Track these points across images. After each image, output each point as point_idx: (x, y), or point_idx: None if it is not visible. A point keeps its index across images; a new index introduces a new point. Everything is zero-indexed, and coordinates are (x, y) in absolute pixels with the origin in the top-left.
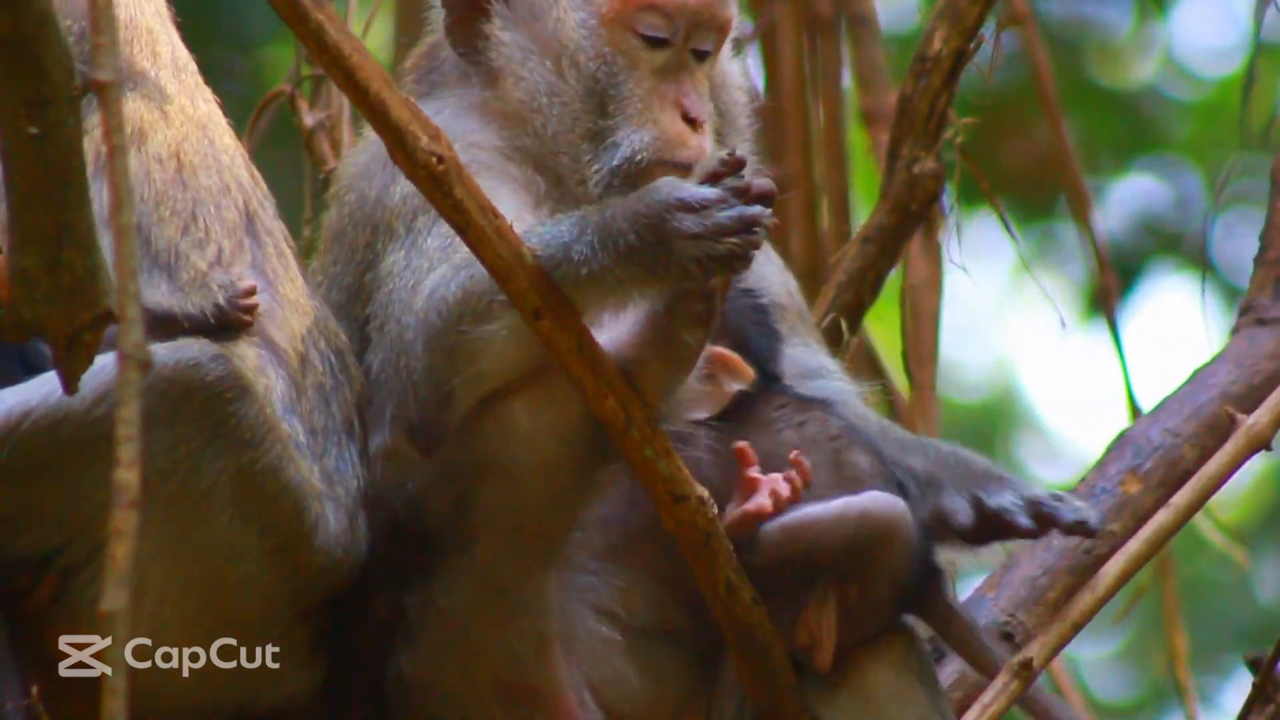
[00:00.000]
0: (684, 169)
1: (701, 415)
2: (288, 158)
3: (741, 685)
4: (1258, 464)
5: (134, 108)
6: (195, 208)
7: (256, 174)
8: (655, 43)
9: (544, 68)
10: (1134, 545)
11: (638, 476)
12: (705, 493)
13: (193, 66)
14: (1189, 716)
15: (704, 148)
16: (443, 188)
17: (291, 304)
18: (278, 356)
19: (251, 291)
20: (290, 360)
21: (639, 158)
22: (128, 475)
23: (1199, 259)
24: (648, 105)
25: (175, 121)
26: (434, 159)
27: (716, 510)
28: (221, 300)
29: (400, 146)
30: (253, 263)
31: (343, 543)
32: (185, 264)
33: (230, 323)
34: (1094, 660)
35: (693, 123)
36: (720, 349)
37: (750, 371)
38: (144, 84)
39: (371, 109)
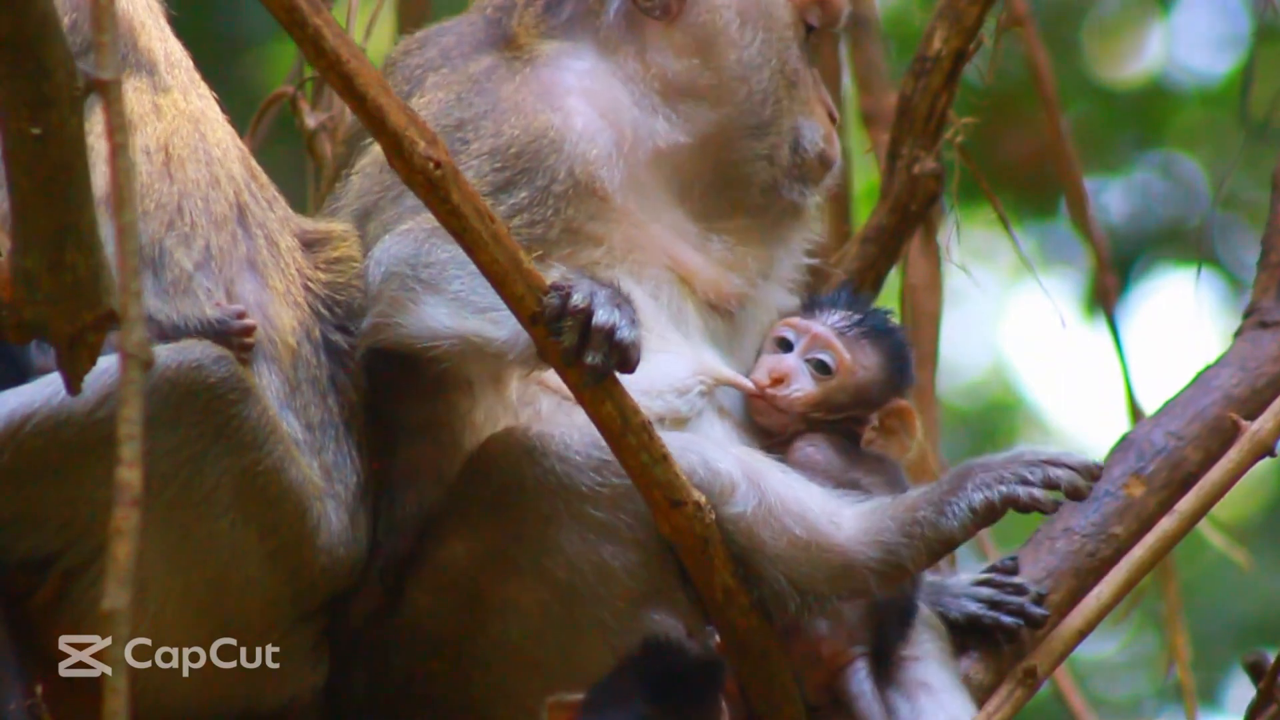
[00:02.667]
0: (829, 166)
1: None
2: (290, 158)
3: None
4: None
5: (124, 100)
6: (181, 200)
7: (255, 167)
8: (810, 34)
9: (752, 37)
10: (1138, 552)
11: (635, 482)
12: (702, 498)
13: (187, 62)
14: (1190, 718)
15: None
16: (439, 193)
17: (282, 295)
18: (270, 351)
19: (250, 330)
20: (283, 355)
21: (815, 150)
22: (130, 474)
23: (1204, 255)
24: (813, 97)
25: (167, 115)
26: (431, 164)
27: (714, 515)
28: (214, 319)
29: (397, 152)
30: (246, 256)
31: (344, 541)
32: (170, 262)
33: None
34: (1095, 658)
35: (833, 120)
36: (907, 403)
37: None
38: (135, 77)
39: (369, 115)
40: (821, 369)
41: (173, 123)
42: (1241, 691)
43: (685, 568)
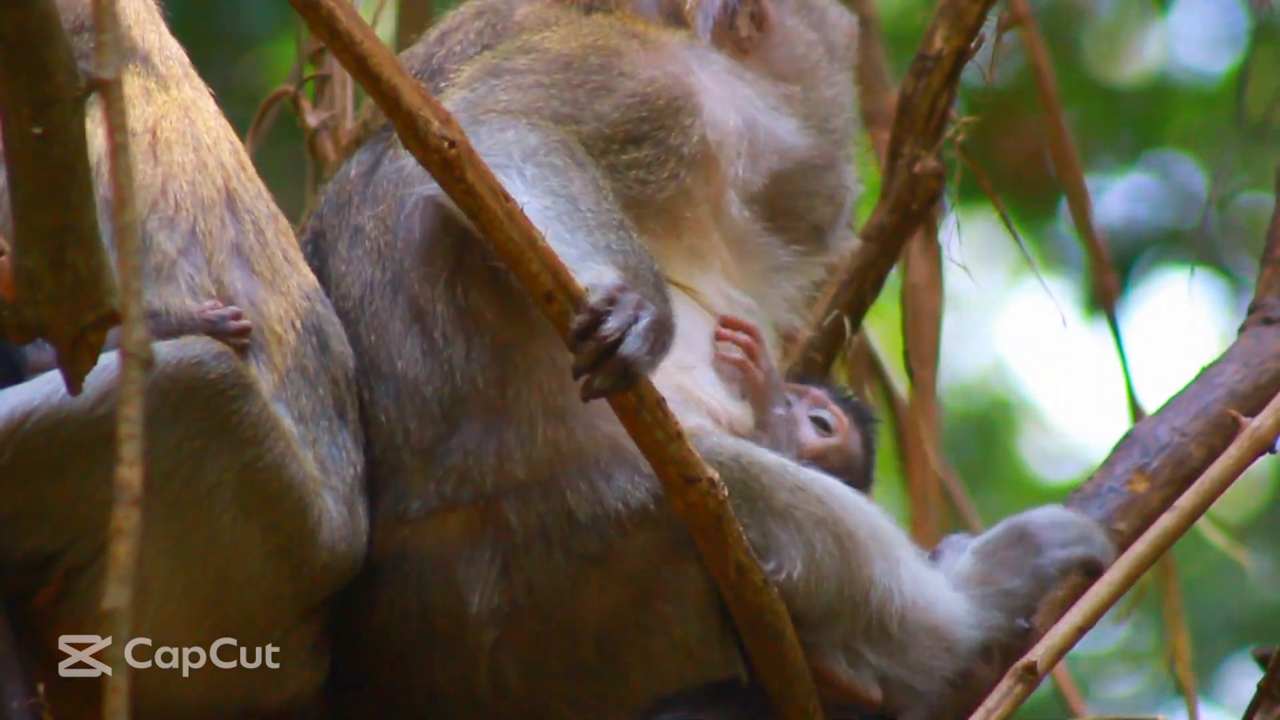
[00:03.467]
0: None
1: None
2: (290, 158)
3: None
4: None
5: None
6: (166, 183)
7: (246, 160)
8: None
9: (840, 76)
10: (1138, 548)
11: (649, 459)
12: (716, 475)
13: (182, 56)
14: (1191, 717)
15: None
16: (454, 172)
17: (269, 283)
18: (257, 339)
19: (246, 330)
20: (269, 343)
21: (859, 195)
22: (130, 473)
23: (1202, 254)
24: None
25: (156, 100)
26: (446, 144)
27: (727, 493)
28: (210, 317)
29: (412, 132)
30: (233, 241)
31: (344, 535)
32: (152, 247)
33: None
34: (1093, 656)
35: None
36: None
37: None
38: (126, 62)
39: (384, 95)
40: (822, 426)
41: (162, 107)
42: (1237, 687)
43: (698, 545)
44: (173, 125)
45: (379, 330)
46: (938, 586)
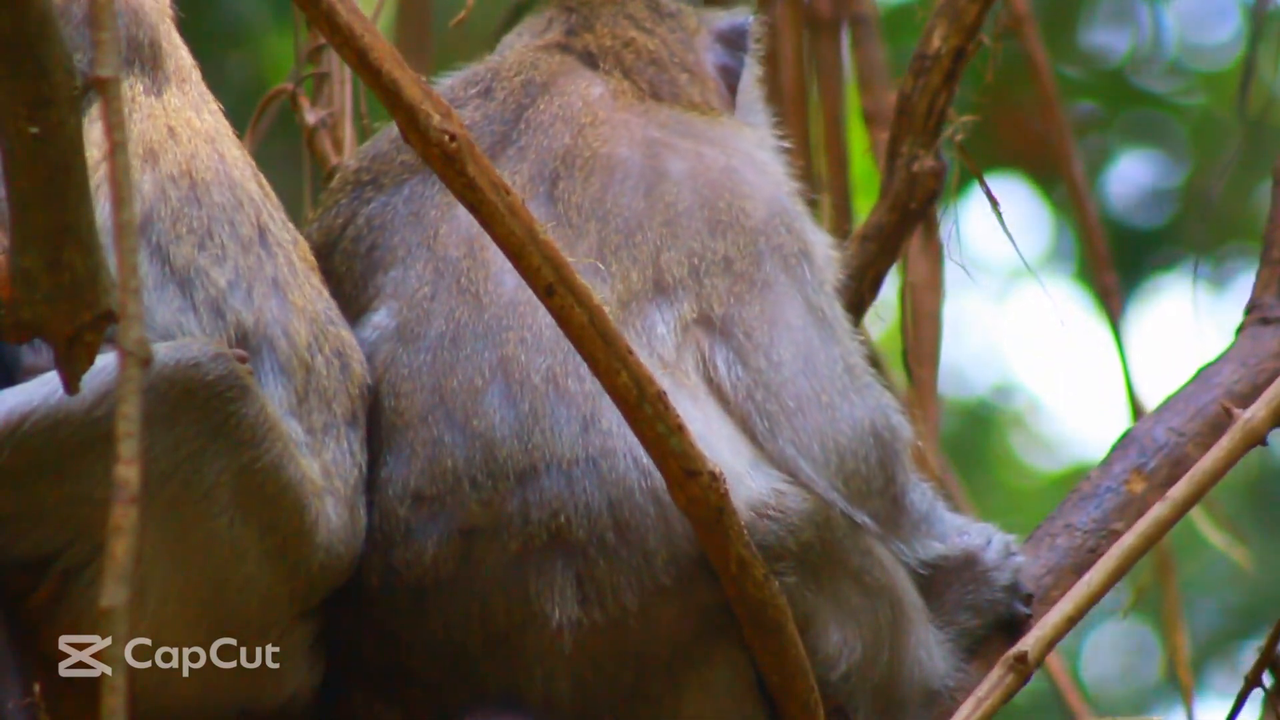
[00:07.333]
0: None
1: None
2: (288, 154)
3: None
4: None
5: (142, 129)
6: (210, 225)
7: (265, 184)
8: None
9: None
10: (1130, 539)
11: (650, 452)
12: (717, 468)
13: (196, 75)
14: (1189, 717)
15: None
16: (455, 166)
17: (300, 310)
18: (286, 365)
19: (245, 359)
20: (296, 370)
21: None
22: (128, 471)
23: (1205, 250)
24: None
25: (183, 138)
26: (446, 137)
27: (728, 486)
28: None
29: (413, 126)
30: (271, 276)
31: (343, 537)
32: (204, 280)
33: None
34: (1088, 653)
35: None
36: None
37: None
38: (150, 101)
39: (385, 89)
40: None
41: (190, 145)
42: (1225, 681)
43: (699, 538)
44: (205, 164)
45: (461, 377)
46: (931, 650)
